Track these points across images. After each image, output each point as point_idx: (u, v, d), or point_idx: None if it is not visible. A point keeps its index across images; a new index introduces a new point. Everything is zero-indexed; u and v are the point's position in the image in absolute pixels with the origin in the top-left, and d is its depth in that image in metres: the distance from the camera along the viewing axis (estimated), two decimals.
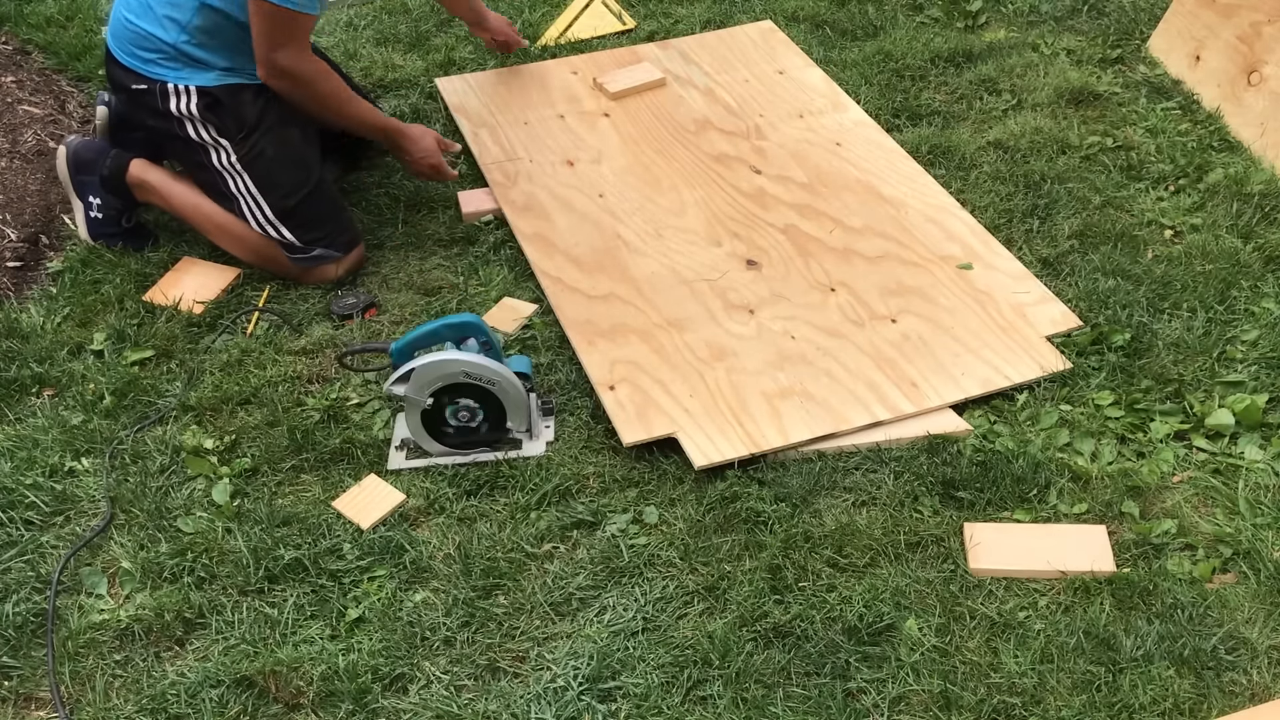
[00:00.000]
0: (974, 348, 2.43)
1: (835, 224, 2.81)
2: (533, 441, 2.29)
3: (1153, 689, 1.79)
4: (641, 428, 2.27)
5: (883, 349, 2.44)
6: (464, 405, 2.22)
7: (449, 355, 2.20)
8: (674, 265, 2.71)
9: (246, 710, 1.84)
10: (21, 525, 2.17)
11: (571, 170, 3.04)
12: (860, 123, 3.19)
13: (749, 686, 1.84)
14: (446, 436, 2.26)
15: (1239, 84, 3.07)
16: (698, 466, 2.18)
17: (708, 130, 3.19)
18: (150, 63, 2.61)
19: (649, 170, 3.03)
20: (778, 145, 3.11)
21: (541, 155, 3.10)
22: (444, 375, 2.19)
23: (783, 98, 3.31)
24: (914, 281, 2.63)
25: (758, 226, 2.82)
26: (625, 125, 3.21)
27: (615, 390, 2.36)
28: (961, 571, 2.00)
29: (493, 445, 2.28)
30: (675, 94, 3.33)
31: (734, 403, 2.32)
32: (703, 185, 2.97)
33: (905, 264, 2.68)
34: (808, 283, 2.64)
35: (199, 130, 2.63)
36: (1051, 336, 2.45)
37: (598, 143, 3.15)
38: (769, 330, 2.51)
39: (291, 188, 2.66)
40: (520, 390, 2.23)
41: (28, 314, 2.66)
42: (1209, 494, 2.12)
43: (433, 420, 2.24)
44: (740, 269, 2.69)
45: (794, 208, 2.88)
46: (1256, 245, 2.65)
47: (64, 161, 2.80)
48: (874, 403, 2.31)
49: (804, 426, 2.26)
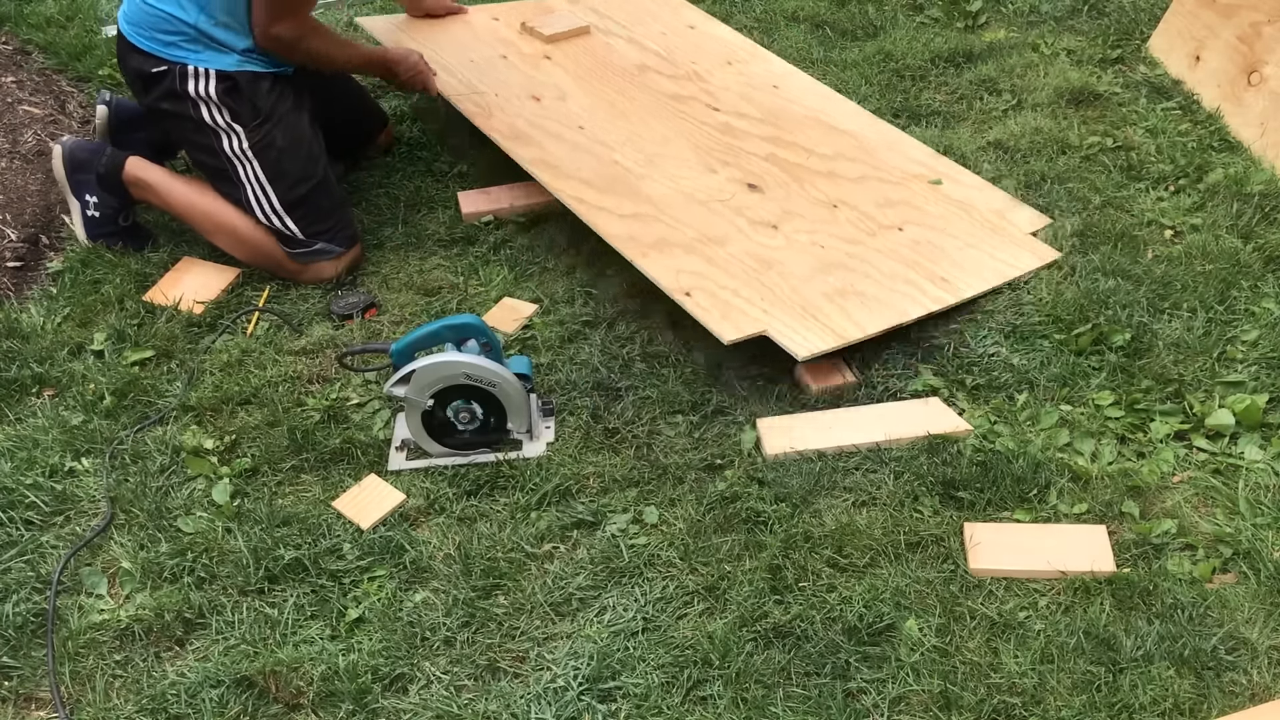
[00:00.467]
0: (976, 244, 2.67)
1: (808, 153, 2.95)
2: (533, 442, 2.29)
3: (1153, 689, 1.79)
4: (732, 326, 2.31)
5: (902, 252, 2.62)
6: (465, 406, 2.23)
7: (450, 357, 2.20)
8: (681, 189, 2.76)
9: (246, 710, 1.84)
10: (21, 525, 2.17)
11: (540, 105, 3.04)
12: (788, 71, 3.33)
13: (749, 686, 1.84)
14: (447, 437, 2.26)
15: (1239, 84, 3.07)
16: (801, 358, 2.26)
17: (649, 73, 3.25)
18: (171, 45, 2.61)
19: (614, 106, 3.07)
20: (722, 88, 3.21)
21: (504, 91, 3.09)
22: (445, 377, 2.19)
23: (706, 48, 3.40)
24: (899, 196, 2.83)
25: (741, 155, 2.91)
26: (571, 66, 3.25)
27: (692, 296, 2.39)
28: (961, 571, 2.00)
29: (493, 446, 2.28)
30: (603, 42, 3.38)
31: (802, 302, 2.41)
32: (671, 120, 3.04)
33: (885, 183, 2.87)
34: (810, 201, 2.76)
35: (213, 114, 2.63)
36: (1034, 233, 2.73)
37: (552, 81, 3.17)
38: (797, 242, 2.62)
39: (299, 178, 2.67)
40: (521, 391, 2.23)
41: (28, 314, 2.66)
42: (1209, 494, 2.12)
43: (433, 421, 2.24)
44: (745, 192, 2.77)
45: (765, 140, 3.00)
46: (1256, 245, 2.65)
47: (60, 161, 2.80)
48: (919, 295, 2.49)
49: (872, 319, 2.40)
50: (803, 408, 2.35)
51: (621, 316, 2.60)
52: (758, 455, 2.25)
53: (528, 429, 2.28)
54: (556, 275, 2.74)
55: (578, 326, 2.57)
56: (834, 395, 2.38)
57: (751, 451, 2.26)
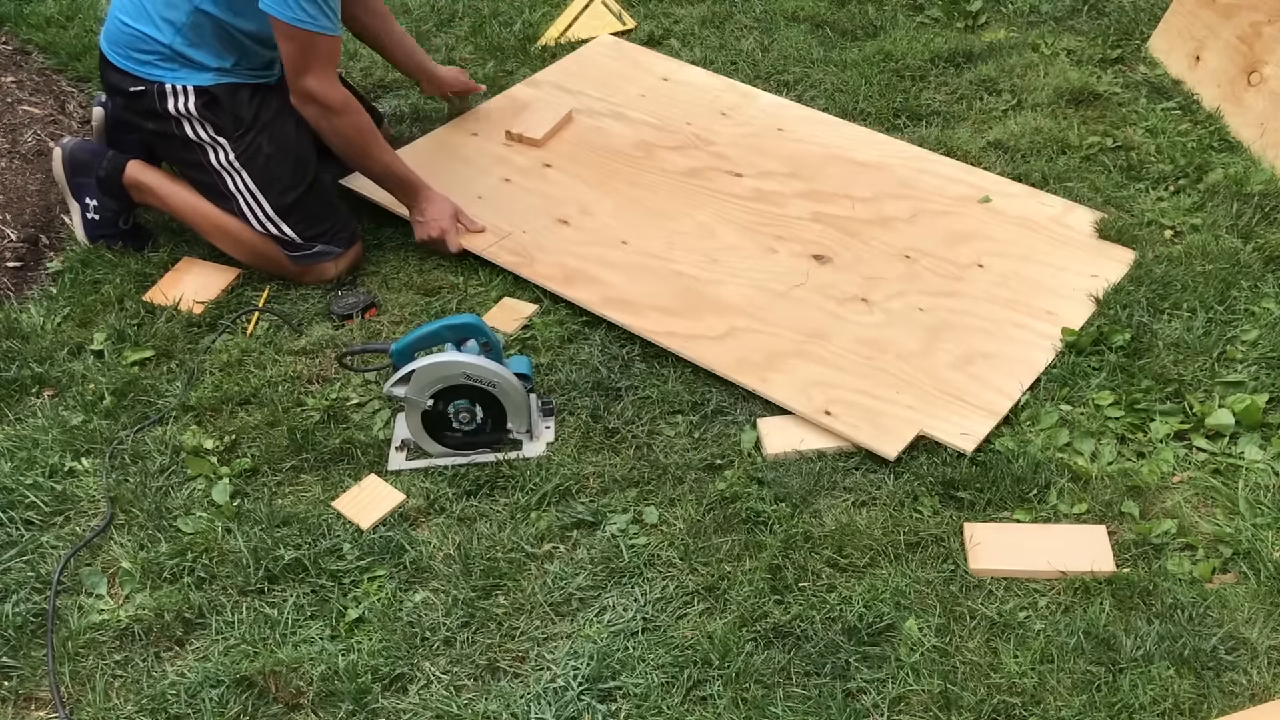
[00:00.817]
0: (1059, 264, 2.62)
1: (851, 200, 2.83)
2: (533, 442, 2.29)
3: (1153, 689, 1.79)
4: (891, 438, 2.22)
5: (997, 293, 2.57)
6: (464, 407, 2.23)
7: (449, 357, 2.20)
8: (755, 283, 2.62)
9: (246, 710, 1.84)
10: (21, 525, 2.17)
11: (571, 229, 2.81)
12: (778, 103, 3.24)
13: (749, 686, 1.84)
14: (447, 438, 2.27)
15: (1239, 84, 3.07)
16: (969, 451, 2.19)
17: (655, 151, 3.06)
18: (146, 64, 2.61)
19: (641, 204, 2.88)
20: (730, 145, 3.07)
21: (528, 223, 2.83)
22: (444, 377, 2.19)
23: (693, 103, 3.23)
24: (961, 228, 2.75)
25: (788, 223, 2.78)
26: (576, 169, 3.02)
27: (833, 415, 2.28)
28: (961, 571, 2.00)
29: (493, 447, 2.28)
30: (592, 126, 3.17)
31: (936, 384, 2.35)
32: (703, 201, 2.87)
33: (940, 215, 2.78)
34: (882, 257, 2.66)
35: (196, 129, 2.63)
36: (1099, 235, 2.69)
37: (568, 195, 2.93)
38: (895, 311, 2.53)
39: (290, 184, 2.66)
40: (520, 391, 2.23)
41: (28, 314, 2.66)
42: (1209, 494, 2.12)
43: (433, 421, 2.24)
44: (816, 267, 2.65)
45: (801, 197, 2.87)
46: (1256, 245, 2.65)
47: (60, 163, 2.80)
48: (1038, 339, 2.44)
49: (1009, 381, 2.35)
50: None
51: None
52: (758, 455, 2.25)
53: (527, 429, 2.28)
54: None
55: (578, 326, 2.57)
56: None
57: (751, 451, 2.26)
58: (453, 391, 2.21)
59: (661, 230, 2.80)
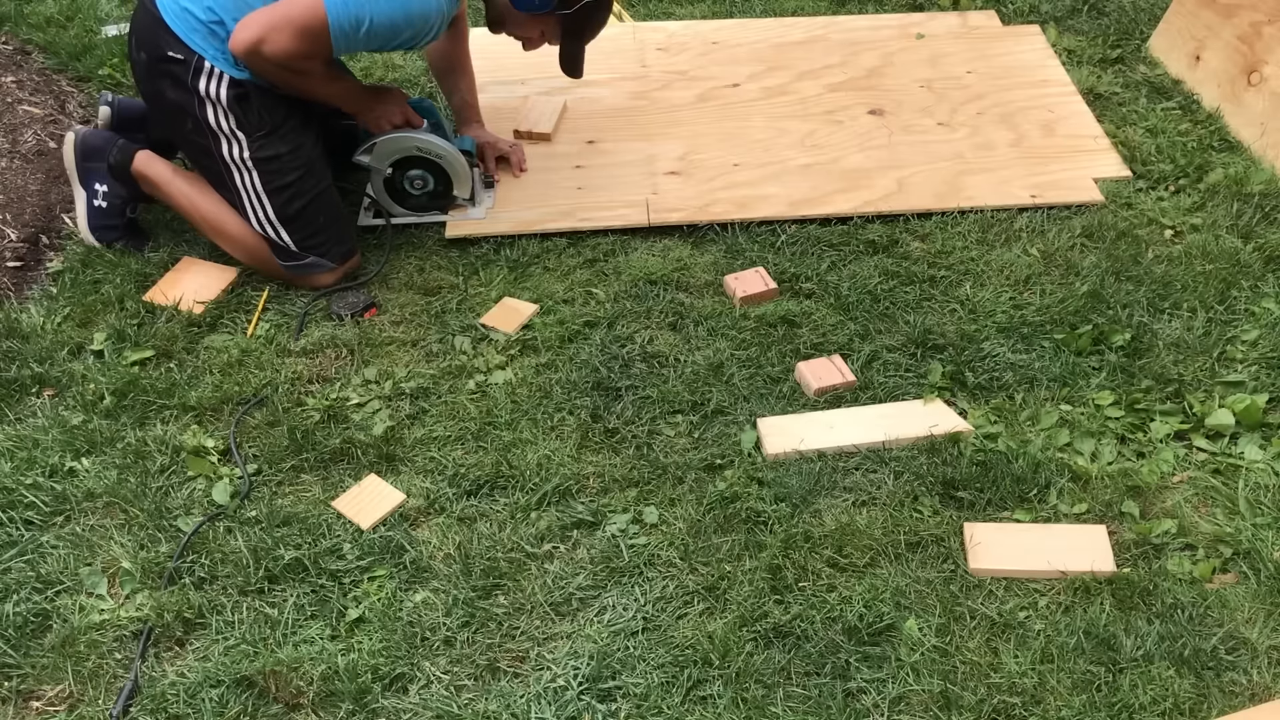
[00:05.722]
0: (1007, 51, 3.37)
1: (833, 69, 3.35)
2: (476, 208, 2.86)
3: (1153, 689, 1.79)
4: (1087, 189, 2.85)
5: (1002, 81, 3.23)
6: (418, 175, 2.79)
7: (403, 133, 2.73)
8: (863, 149, 3.02)
9: (246, 710, 1.84)
10: (21, 525, 2.16)
11: (682, 177, 2.98)
12: (717, 26, 3.63)
13: (749, 686, 1.84)
14: (407, 200, 2.84)
15: (1239, 84, 3.07)
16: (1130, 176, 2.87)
17: (652, 95, 3.32)
18: (198, 32, 2.54)
19: (704, 134, 3.14)
20: (698, 69, 3.42)
21: (643, 187, 2.96)
22: (400, 149, 2.76)
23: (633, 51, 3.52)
24: (927, 52, 3.44)
25: (817, 101, 3.24)
26: (616, 135, 3.18)
27: (1036, 195, 2.86)
28: (961, 571, 2.00)
29: (443, 209, 2.85)
30: (578, 102, 3.30)
31: (1055, 150, 3.00)
32: (743, 115, 3.20)
33: (902, 51, 3.46)
34: (910, 93, 3.26)
35: (218, 117, 2.60)
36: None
37: (640, 155, 3.08)
38: (966, 123, 3.13)
39: (297, 192, 2.65)
40: (464, 164, 2.78)
41: (28, 314, 2.66)
42: (1209, 494, 2.12)
43: (394, 188, 2.82)
44: (880, 120, 3.12)
45: (799, 80, 3.33)
46: (1256, 245, 2.65)
47: (71, 148, 2.80)
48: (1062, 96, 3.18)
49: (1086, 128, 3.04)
50: (803, 408, 2.35)
51: (621, 317, 2.60)
52: (758, 455, 2.25)
53: (470, 195, 2.83)
54: (556, 275, 2.74)
55: (578, 326, 2.57)
56: (834, 395, 2.38)
57: (751, 451, 2.26)
58: (408, 162, 2.77)
59: (745, 144, 3.07)
